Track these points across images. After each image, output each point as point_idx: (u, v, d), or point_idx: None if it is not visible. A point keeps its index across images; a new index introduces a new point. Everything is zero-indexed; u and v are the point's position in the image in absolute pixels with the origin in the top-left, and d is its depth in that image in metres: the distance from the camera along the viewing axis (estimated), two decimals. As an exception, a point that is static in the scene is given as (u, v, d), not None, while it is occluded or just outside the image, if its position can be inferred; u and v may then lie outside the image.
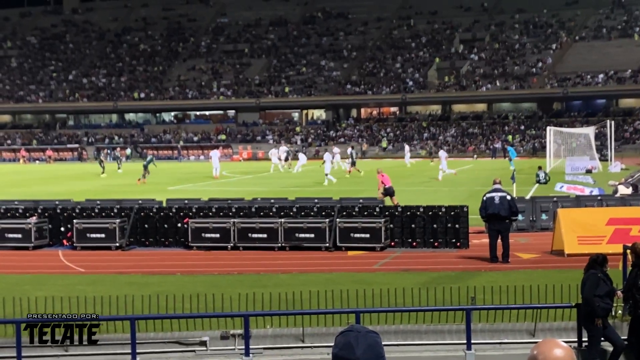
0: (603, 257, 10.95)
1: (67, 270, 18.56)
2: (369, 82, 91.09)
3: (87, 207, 22.43)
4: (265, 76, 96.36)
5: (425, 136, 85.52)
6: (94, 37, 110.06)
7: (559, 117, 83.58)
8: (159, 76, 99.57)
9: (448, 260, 19.05)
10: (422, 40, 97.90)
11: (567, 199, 24.37)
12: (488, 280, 15.47)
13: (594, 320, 10.69)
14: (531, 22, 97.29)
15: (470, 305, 11.81)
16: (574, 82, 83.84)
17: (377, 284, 14.96)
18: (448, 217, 20.63)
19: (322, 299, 12.85)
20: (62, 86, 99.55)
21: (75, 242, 21.28)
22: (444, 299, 13.00)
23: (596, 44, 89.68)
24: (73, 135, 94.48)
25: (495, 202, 18.42)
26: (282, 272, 17.77)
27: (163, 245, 21.64)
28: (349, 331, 3.92)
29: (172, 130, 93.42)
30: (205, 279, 17.15)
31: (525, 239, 21.82)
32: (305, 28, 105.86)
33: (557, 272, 16.75)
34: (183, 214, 21.66)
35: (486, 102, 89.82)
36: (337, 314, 12.02)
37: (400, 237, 20.86)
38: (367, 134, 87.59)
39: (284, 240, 20.66)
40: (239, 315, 11.51)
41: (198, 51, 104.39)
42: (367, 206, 21.32)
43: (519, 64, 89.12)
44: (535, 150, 75.95)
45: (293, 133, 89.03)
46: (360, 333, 3.88)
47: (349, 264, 18.91)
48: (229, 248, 20.84)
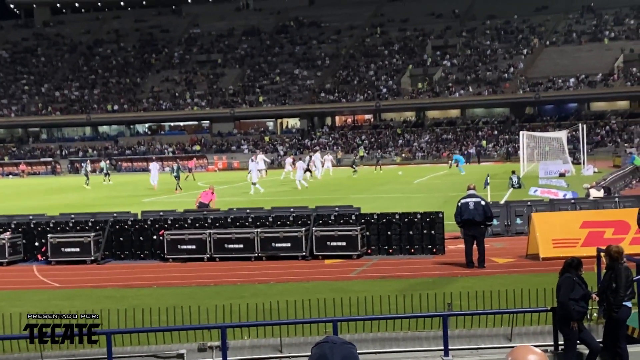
0: (578, 260, 11.02)
1: (42, 285, 18.41)
2: (343, 90, 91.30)
3: (61, 221, 22.27)
4: (239, 86, 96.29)
5: (400, 143, 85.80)
6: (66, 50, 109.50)
7: (531, 121, 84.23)
8: (132, 88, 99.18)
9: (424, 267, 19.10)
10: (395, 48, 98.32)
11: (541, 203, 24.52)
12: (464, 286, 15.53)
13: (569, 324, 10.75)
14: (502, 28, 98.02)
15: (446, 312, 11.84)
16: (545, 87, 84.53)
17: (354, 292, 14.98)
18: (424, 223, 20.69)
19: (300, 309, 12.83)
20: (35, 100, 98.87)
21: (50, 257, 21.12)
22: (421, 306, 13.03)
23: (567, 48, 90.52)
24: (46, 149, 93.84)
25: (470, 207, 18.51)
26: (259, 282, 17.74)
27: (139, 258, 21.52)
28: (325, 342, 3.91)
29: (147, 142, 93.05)
30: (181, 291, 17.08)
31: (501, 244, 21.93)
32: (278, 37, 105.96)
33: (532, 276, 16.84)
34: (158, 226, 21.56)
35: (459, 108, 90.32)
36: (314, 323, 12.00)
37: (377, 244, 20.90)
38: (342, 141, 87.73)
39: (260, 250, 20.63)
40: (216, 327, 11.46)
41: (171, 62, 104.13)
42: (343, 214, 21.34)
43: (491, 70, 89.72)
44: (508, 154, 76.42)
45: (263, 143, 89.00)
46: (336, 344, 3.88)
47: (325, 272, 18.91)
48: (205, 259, 20.77)
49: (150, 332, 11.85)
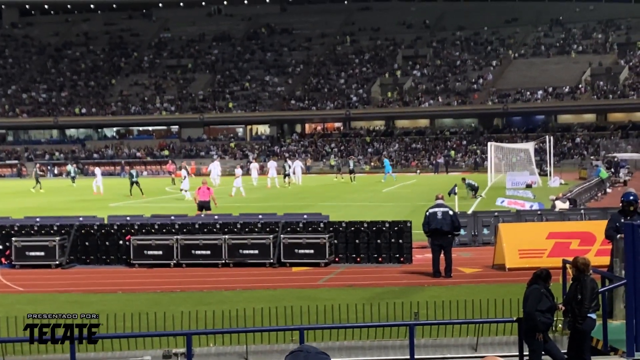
0: (547, 272, 11.08)
1: (6, 289, 18.17)
2: (313, 98, 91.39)
3: (26, 224, 22.00)
4: (209, 91, 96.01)
5: (369, 151, 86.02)
6: (34, 52, 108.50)
7: (499, 132, 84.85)
8: (100, 91, 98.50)
9: (392, 276, 19.13)
10: (366, 57, 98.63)
11: (508, 213, 24.69)
12: (431, 295, 15.58)
13: (535, 335, 10.81)
14: (472, 39, 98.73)
15: (413, 321, 11.86)
16: (513, 99, 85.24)
17: (321, 299, 14.96)
18: (392, 232, 20.74)
19: (267, 316, 12.80)
20: (1, 101, 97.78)
21: (14, 261, 20.87)
22: (388, 315, 13.04)
23: (535, 60, 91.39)
24: (12, 151, 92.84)
25: (438, 217, 18.59)
26: (226, 289, 17.66)
27: (104, 263, 21.33)
28: (299, 351, 3.89)
29: (115, 146, 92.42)
30: (147, 297, 16.95)
31: (468, 254, 22.04)
32: (249, 43, 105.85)
33: (498, 287, 16.93)
34: (125, 231, 21.39)
35: (429, 117, 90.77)
36: (281, 331, 11.97)
37: (345, 252, 20.91)
38: (311, 149, 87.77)
39: (227, 257, 20.54)
40: (181, 334, 11.38)
41: (141, 66, 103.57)
42: (311, 222, 21.32)
43: (460, 80, 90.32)
44: (476, 165, 76.90)
45: (229, 149, 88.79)
46: (310, 354, 3.85)
47: (293, 280, 18.87)
48: (171, 265, 20.64)
49: (114, 338, 11.74)
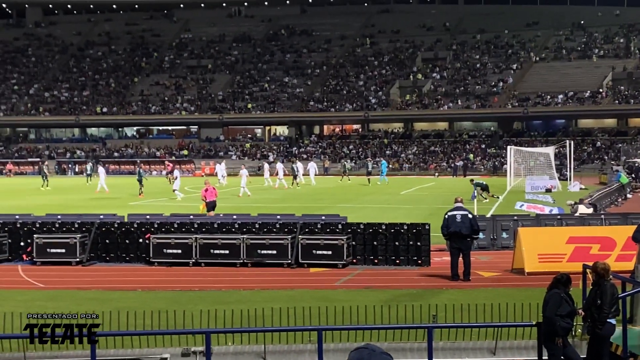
0: (567, 277, 11.05)
1: (27, 285, 18.32)
2: (332, 100, 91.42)
3: (47, 221, 22.19)
4: (228, 92, 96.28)
5: (387, 153, 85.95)
6: (57, 51, 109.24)
7: (519, 136, 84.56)
8: (121, 91, 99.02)
9: (409, 278, 19.12)
10: (385, 59, 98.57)
11: (527, 217, 24.60)
12: (449, 298, 15.56)
13: (554, 340, 10.78)
14: (492, 42, 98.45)
15: (431, 324, 11.86)
16: (534, 102, 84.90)
17: (339, 301, 14.98)
18: (410, 234, 20.73)
19: (284, 316, 12.84)
20: (24, 100, 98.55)
21: (35, 257, 21.04)
22: (406, 317, 13.05)
23: (556, 64, 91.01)
24: (34, 149, 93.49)
25: (457, 220, 18.56)
26: (244, 288, 17.71)
27: (124, 261, 21.47)
28: (364, 348, 3.95)
29: (135, 145, 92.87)
30: (166, 295, 17.03)
31: (486, 257, 21.99)
32: (269, 45, 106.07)
33: (517, 291, 16.89)
34: (144, 229, 21.51)
35: (447, 120, 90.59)
36: (299, 331, 12.01)
37: (362, 254, 20.92)
38: (329, 150, 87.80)
39: (246, 257, 20.61)
40: (200, 332, 11.44)
41: (161, 66, 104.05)
42: (329, 223, 21.35)
43: (480, 84, 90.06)
44: (495, 168, 76.65)
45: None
46: (375, 352, 3.91)
47: (311, 281, 18.90)
48: (190, 264, 20.73)
49: (134, 335, 11.82)
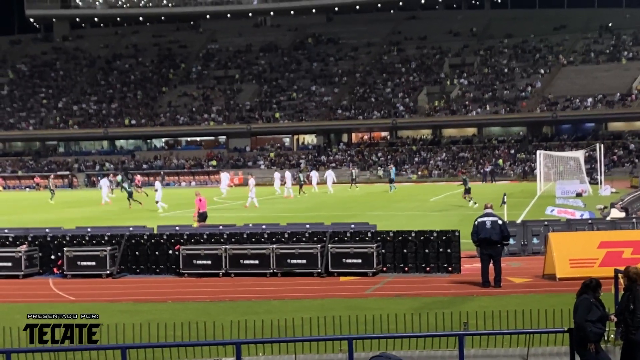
0: (596, 281, 10.91)
1: (58, 299, 18.44)
2: (360, 107, 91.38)
3: (77, 234, 22.32)
4: (256, 102, 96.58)
5: (416, 160, 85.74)
6: (85, 64, 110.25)
7: (548, 140, 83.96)
8: (149, 102, 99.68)
9: (440, 285, 19.01)
10: (412, 65, 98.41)
11: (558, 222, 24.38)
12: (480, 305, 15.44)
13: (586, 346, 10.65)
14: (520, 47, 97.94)
15: (463, 331, 11.78)
16: (563, 106, 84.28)
17: (369, 309, 14.92)
18: (440, 241, 20.62)
19: (315, 326, 12.80)
20: (53, 113, 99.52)
21: (66, 270, 21.17)
22: (437, 325, 12.96)
23: (585, 68, 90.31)
24: (63, 162, 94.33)
25: (487, 226, 18.42)
26: (274, 298, 17.70)
27: (154, 273, 21.53)
28: (379, 356, 3.95)
29: (163, 157, 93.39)
30: (196, 306, 17.06)
31: (517, 263, 21.81)
32: (295, 54, 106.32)
33: (549, 296, 16.73)
34: (174, 240, 21.57)
35: (476, 126, 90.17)
36: (329, 340, 11.96)
37: (392, 262, 20.83)
38: (358, 158, 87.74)
39: (275, 267, 20.60)
40: (230, 343, 11.43)
41: (189, 77, 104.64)
42: (358, 231, 21.29)
43: (509, 88, 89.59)
44: (525, 174, 76.15)
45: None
46: (391, 359, 3.91)
47: (341, 289, 18.84)
48: (220, 275, 20.76)
49: (165, 347, 11.83)
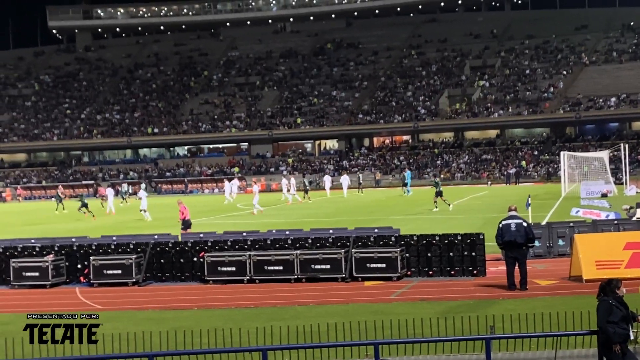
0: (613, 282, 10.84)
1: (85, 307, 18.55)
2: (381, 111, 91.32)
3: (103, 243, 22.47)
4: (277, 108, 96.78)
5: (438, 163, 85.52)
6: (107, 74, 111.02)
7: (572, 141, 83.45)
8: (172, 111, 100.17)
9: (465, 289, 18.94)
10: (433, 68, 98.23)
11: (583, 223, 24.20)
12: (507, 308, 15.37)
13: (612, 348, 10.58)
14: (541, 48, 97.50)
15: (489, 334, 11.72)
16: (586, 107, 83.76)
17: (394, 314, 14.89)
18: (464, 245, 20.55)
19: (340, 331, 12.80)
20: (77, 123, 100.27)
21: (92, 279, 21.30)
22: (463, 328, 12.92)
23: (607, 67, 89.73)
24: (88, 171, 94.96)
25: (512, 229, 18.32)
26: (299, 304, 17.71)
27: (179, 280, 21.63)
28: None
29: (186, 164, 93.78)
30: (222, 313, 17.10)
31: (543, 266, 21.69)
32: (315, 59, 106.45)
33: (576, 298, 16.63)
34: (198, 248, 21.66)
35: (498, 128, 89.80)
36: (355, 346, 11.95)
37: (417, 266, 20.78)
38: (380, 163, 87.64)
39: (300, 272, 20.61)
40: (257, 350, 11.45)
41: (210, 85, 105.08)
42: (382, 236, 21.26)
43: (531, 90, 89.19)
44: (549, 175, 75.73)
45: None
46: None
47: (365, 294, 18.82)
48: (245, 281, 20.81)
49: (191, 354, 11.85)
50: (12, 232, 35.18)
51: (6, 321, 16.43)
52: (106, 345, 12.03)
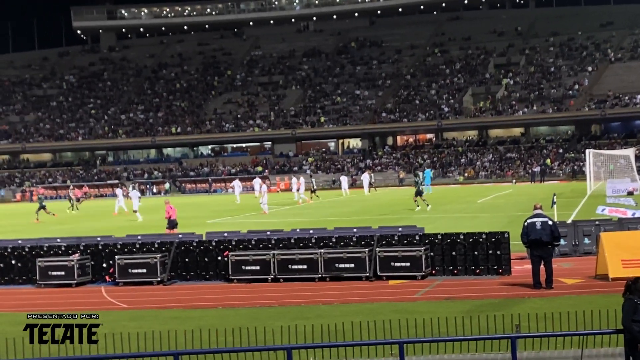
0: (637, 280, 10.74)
1: (110, 306, 18.66)
2: (404, 110, 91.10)
3: (128, 242, 22.57)
4: (300, 107, 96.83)
5: (462, 162, 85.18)
6: (131, 74, 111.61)
7: (597, 139, 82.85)
8: (195, 110, 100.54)
9: (490, 288, 18.84)
10: (456, 66, 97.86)
11: (609, 222, 23.99)
12: (532, 307, 15.28)
13: (637, 346, 10.49)
14: (566, 45, 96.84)
15: (515, 333, 11.64)
16: (611, 104, 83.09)
17: (419, 313, 14.85)
18: (489, 243, 20.44)
19: (365, 330, 12.78)
20: (101, 123, 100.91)
21: (118, 278, 21.42)
22: (488, 327, 12.85)
23: (633, 64, 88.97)
24: (113, 171, 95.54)
25: (537, 227, 18.21)
26: (323, 303, 17.70)
27: (204, 279, 21.69)
28: None
29: (210, 164, 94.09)
30: (246, 312, 17.13)
31: (569, 264, 21.54)
32: (338, 58, 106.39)
33: (602, 297, 16.49)
34: (223, 247, 21.71)
35: (523, 126, 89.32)
36: (380, 344, 11.92)
37: (441, 264, 20.70)
38: (403, 161, 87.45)
39: (324, 271, 20.60)
40: (281, 348, 11.45)
41: (233, 84, 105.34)
42: (406, 234, 21.19)
43: (555, 87, 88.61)
44: (574, 173, 75.22)
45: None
46: None
47: (390, 293, 18.78)
48: (269, 280, 20.83)
49: (216, 353, 11.88)
50: (38, 232, 35.47)
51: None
52: (132, 344, 12.09)
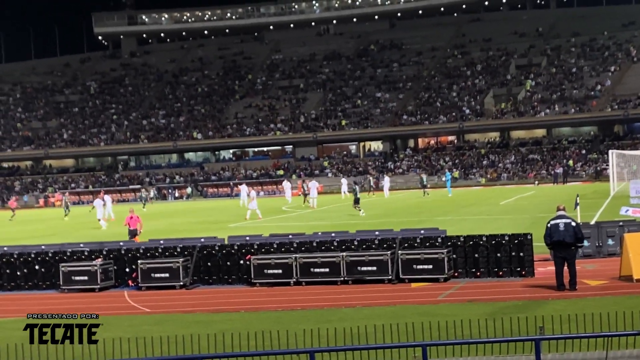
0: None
1: (133, 310, 18.74)
2: (426, 112, 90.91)
3: (150, 247, 22.65)
4: (321, 110, 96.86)
5: (484, 164, 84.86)
6: (152, 79, 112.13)
7: (620, 139, 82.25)
8: (216, 115, 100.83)
9: (513, 290, 18.75)
10: (477, 68, 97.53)
11: (633, 223, 23.78)
12: (556, 309, 15.19)
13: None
14: (588, 45, 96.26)
15: (539, 335, 11.57)
16: (634, 104, 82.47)
17: (442, 315, 14.80)
18: (512, 245, 20.34)
19: (388, 333, 12.75)
20: (123, 128, 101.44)
21: (140, 283, 21.50)
22: (512, 330, 12.79)
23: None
24: (135, 176, 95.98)
25: (560, 228, 18.10)
26: (346, 306, 17.68)
27: (226, 283, 21.72)
28: None
29: (231, 168, 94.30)
30: (269, 315, 17.15)
31: (592, 266, 21.40)
32: (359, 61, 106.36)
33: (627, 298, 16.37)
34: (245, 250, 21.74)
35: (545, 127, 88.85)
36: (402, 347, 11.88)
37: (464, 267, 20.62)
38: (425, 164, 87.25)
39: (346, 274, 20.58)
40: (304, 352, 11.44)
41: (254, 88, 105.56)
42: (428, 237, 21.13)
43: (578, 88, 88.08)
44: (597, 174, 74.71)
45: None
46: None
47: (412, 296, 18.73)
48: (291, 283, 20.83)
49: (239, 356, 11.89)
50: (61, 237, 35.69)
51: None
52: (155, 348, 12.12)
